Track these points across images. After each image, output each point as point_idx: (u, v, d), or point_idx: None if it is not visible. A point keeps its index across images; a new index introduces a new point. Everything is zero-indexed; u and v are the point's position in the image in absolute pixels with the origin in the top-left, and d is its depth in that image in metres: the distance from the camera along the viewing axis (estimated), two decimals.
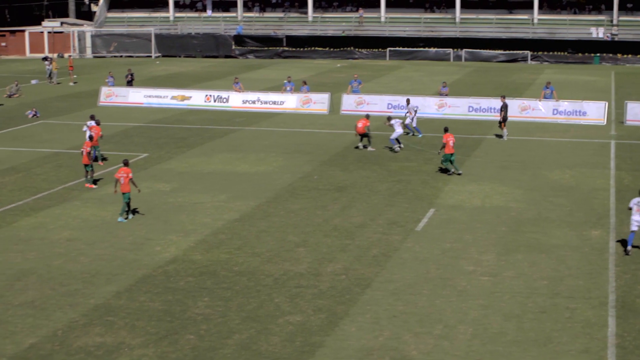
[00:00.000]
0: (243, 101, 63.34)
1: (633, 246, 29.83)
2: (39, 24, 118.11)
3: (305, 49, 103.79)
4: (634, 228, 29.49)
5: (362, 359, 21.49)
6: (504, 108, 50.69)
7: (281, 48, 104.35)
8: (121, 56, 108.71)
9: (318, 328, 23.41)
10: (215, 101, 64.26)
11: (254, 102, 62.71)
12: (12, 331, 23.40)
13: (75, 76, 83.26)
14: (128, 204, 33.99)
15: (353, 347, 22.18)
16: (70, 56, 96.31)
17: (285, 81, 65.66)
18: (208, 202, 36.47)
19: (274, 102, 62.54)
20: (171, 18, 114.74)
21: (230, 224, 33.41)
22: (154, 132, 53.78)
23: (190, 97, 65.49)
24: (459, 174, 41.02)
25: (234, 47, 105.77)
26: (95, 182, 39.53)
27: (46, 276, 27.69)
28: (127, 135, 52.59)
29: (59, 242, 31.27)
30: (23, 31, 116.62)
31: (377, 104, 60.39)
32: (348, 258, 29.28)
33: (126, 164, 34.69)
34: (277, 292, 26.13)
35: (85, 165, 39.04)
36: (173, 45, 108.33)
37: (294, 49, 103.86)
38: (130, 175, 34.00)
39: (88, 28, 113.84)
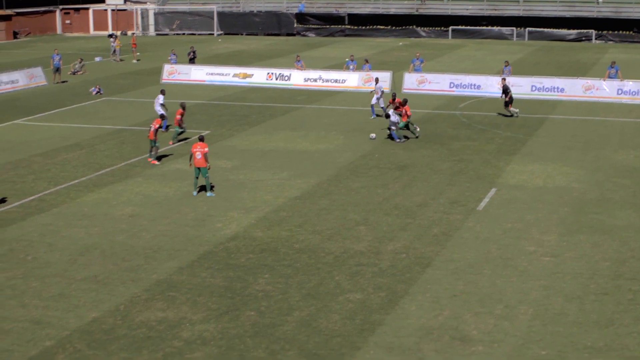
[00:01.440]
0: (305, 79, 63.38)
1: None
2: (103, 1, 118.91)
3: (367, 27, 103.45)
4: None
5: (422, 338, 21.47)
6: (506, 90, 50.03)
7: (343, 26, 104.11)
8: (184, 34, 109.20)
9: (378, 306, 23.43)
10: (276, 79, 64.38)
11: (315, 80, 62.74)
12: (75, 305, 23.72)
13: (138, 54, 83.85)
14: (207, 179, 34.30)
15: (413, 326, 22.18)
16: (133, 34, 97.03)
17: (347, 59, 65.60)
18: (269, 180, 36.60)
19: (336, 80, 62.52)
20: None
21: (291, 201, 33.52)
22: (215, 109, 54.04)
23: (252, 74, 65.65)
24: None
25: (295, 25, 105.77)
26: (159, 158, 39.84)
27: (109, 251, 28.01)
28: (190, 113, 52.78)
29: (122, 218, 31.60)
30: (87, 9, 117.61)
31: (439, 82, 60.11)
32: (409, 237, 29.24)
33: (202, 139, 34.87)
34: (338, 269, 26.18)
35: (151, 141, 39.32)
36: (235, 23, 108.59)
37: (355, 27, 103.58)
38: (206, 149, 34.19)
39: (151, 6, 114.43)
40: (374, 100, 51.41)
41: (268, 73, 65.23)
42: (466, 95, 58.09)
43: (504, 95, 50.16)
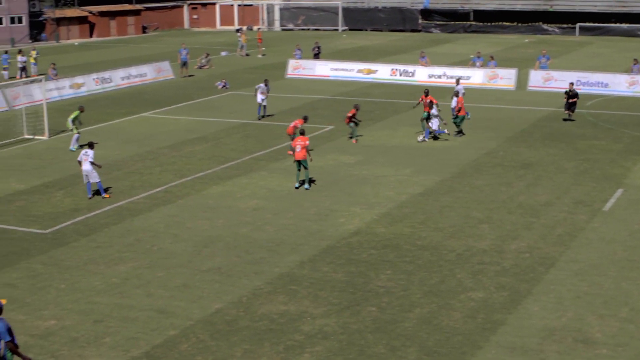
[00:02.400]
0: (429, 75, 63.14)
1: None
2: None
3: (493, 23, 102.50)
4: None
5: (545, 339, 21.18)
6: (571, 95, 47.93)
7: (468, 22, 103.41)
8: (308, 29, 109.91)
9: (500, 305, 23.20)
10: (400, 75, 64.30)
11: (439, 76, 62.43)
12: (199, 296, 24.08)
13: (263, 48, 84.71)
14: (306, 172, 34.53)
15: (535, 327, 21.89)
16: (259, 29, 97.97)
17: (473, 56, 65.13)
18: (392, 176, 36.56)
19: (460, 77, 61.98)
20: None
21: (414, 198, 33.42)
22: (339, 104, 54.20)
23: (376, 70, 65.71)
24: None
25: (420, 21, 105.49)
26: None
27: (233, 244, 28.35)
28: (314, 108, 53.16)
29: (246, 211, 31.95)
30: (214, 4, 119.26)
31: (565, 80, 59.04)
32: (532, 236, 28.87)
33: (302, 133, 35.13)
34: (460, 267, 26.01)
35: (291, 136, 39.70)
36: (360, 19, 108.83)
37: (481, 24, 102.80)
38: (307, 143, 34.40)
39: (277, 1, 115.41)
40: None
41: (392, 69, 65.20)
42: (593, 93, 56.97)
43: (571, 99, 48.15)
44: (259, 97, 49.36)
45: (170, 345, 21.03)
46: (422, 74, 63.38)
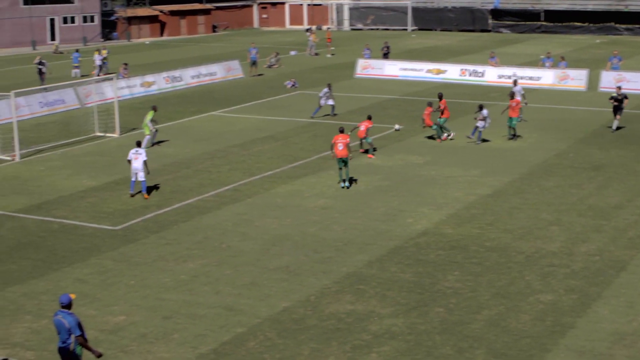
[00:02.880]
0: (499, 76, 62.73)
1: None
2: None
3: (564, 23, 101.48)
4: None
5: (615, 343, 20.92)
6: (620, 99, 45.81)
7: (539, 22, 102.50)
8: (377, 29, 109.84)
9: (569, 308, 22.96)
10: (470, 75, 63.98)
11: (509, 77, 61.88)
12: (266, 294, 24.17)
13: (332, 48, 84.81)
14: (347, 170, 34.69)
15: (605, 330, 21.63)
16: (328, 28, 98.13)
17: (543, 56, 64.57)
18: (460, 177, 36.38)
19: (530, 78, 61.56)
20: None
21: (483, 199, 33.22)
22: (408, 104, 54.09)
23: (446, 70, 65.49)
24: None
25: (490, 21, 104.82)
26: (367, 151, 40.32)
27: (301, 242, 28.42)
28: (383, 107, 53.12)
29: (314, 210, 32.00)
30: (283, 4, 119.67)
31: (637, 81, 58.32)
32: (603, 239, 28.52)
33: (342, 131, 35.33)
34: (529, 269, 25.79)
35: (362, 139, 39.88)
36: (429, 19, 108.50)
37: (551, 24, 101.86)
38: (347, 140, 34.60)
39: (346, 1, 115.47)
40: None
41: (461, 69, 64.92)
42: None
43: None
44: (328, 101, 49.43)
45: (238, 342, 21.15)
46: (492, 75, 62.99)
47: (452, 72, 65.00)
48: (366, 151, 40.37)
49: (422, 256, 26.95)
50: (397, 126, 45.39)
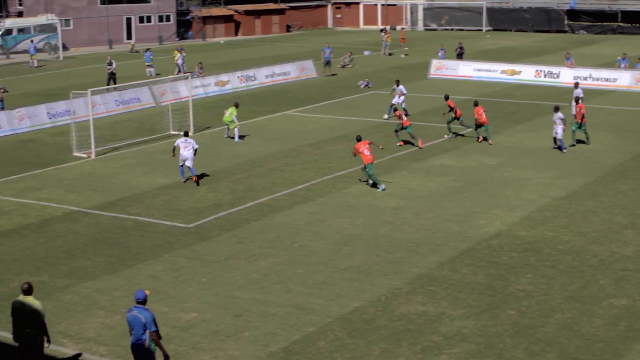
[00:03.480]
0: (574, 77, 61.94)
1: None
2: None
3: None
4: None
5: None
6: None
7: (616, 23, 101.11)
8: (452, 29, 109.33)
9: None
10: (545, 76, 63.35)
11: (585, 78, 61.18)
12: (337, 294, 24.19)
13: (406, 48, 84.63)
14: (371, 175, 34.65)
15: None
16: (402, 28, 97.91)
17: (619, 58, 63.73)
18: (534, 178, 36.06)
19: (607, 79, 60.78)
20: None
21: (557, 201, 32.88)
22: (483, 105, 53.63)
23: (520, 71, 64.93)
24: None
25: (566, 21, 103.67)
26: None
27: (372, 243, 28.40)
28: None
29: (386, 210, 31.95)
30: (358, 3, 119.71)
31: None
32: None
33: (359, 139, 35.37)
34: (602, 273, 25.48)
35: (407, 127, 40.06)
36: (504, 19, 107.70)
37: (629, 25, 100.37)
38: (368, 142, 34.81)
39: (420, 1, 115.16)
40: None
41: (536, 70, 64.32)
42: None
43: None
44: (400, 98, 49.34)
45: (308, 341, 21.21)
46: (567, 76, 62.25)
47: (527, 73, 64.42)
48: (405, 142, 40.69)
49: (495, 258, 26.77)
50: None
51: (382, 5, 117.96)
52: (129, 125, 49.45)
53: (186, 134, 36.75)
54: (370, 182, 34.96)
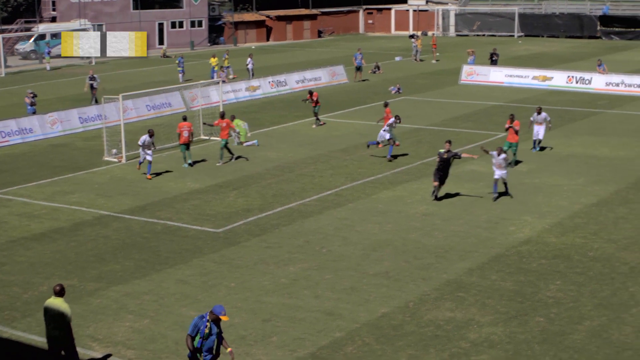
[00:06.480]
0: (606, 83, 61.68)
1: None
2: (405, 2, 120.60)
3: None
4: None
5: None
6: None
7: None
8: (484, 35, 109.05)
9: None
10: (577, 82, 63.03)
11: (617, 84, 60.89)
12: (366, 299, 24.17)
13: (437, 54, 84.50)
14: None
15: None
16: (434, 34, 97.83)
17: None
18: (565, 185, 35.88)
19: (639, 86, 60.38)
20: None
21: (588, 208, 32.70)
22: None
23: (552, 77, 64.63)
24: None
25: (599, 27, 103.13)
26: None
27: (401, 248, 28.35)
28: (488, 114, 52.70)
29: (415, 216, 31.90)
30: (389, 9, 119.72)
31: None
32: None
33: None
34: (633, 281, 25.30)
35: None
36: (536, 25, 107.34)
37: None
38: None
39: (452, 7, 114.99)
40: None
41: (568, 76, 64.00)
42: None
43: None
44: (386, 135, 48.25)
45: (336, 347, 21.19)
46: (600, 82, 61.94)
47: (559, 79, 64.11)
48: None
49: (524, 265, 26.65)
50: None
51: (414, 10, 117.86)
52: (160, 130, 49.57)
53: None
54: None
